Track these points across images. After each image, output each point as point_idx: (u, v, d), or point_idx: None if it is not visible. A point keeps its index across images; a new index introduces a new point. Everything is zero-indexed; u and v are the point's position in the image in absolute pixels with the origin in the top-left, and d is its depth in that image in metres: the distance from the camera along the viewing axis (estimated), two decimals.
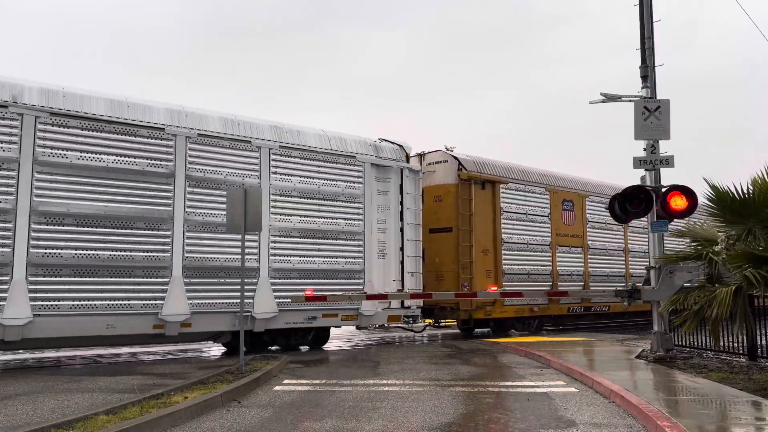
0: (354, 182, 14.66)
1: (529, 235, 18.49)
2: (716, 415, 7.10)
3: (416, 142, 17.01)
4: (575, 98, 70.66)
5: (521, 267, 18.14)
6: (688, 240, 11.26)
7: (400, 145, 15.79)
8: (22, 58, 60.80)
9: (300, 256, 13.82)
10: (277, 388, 9.33)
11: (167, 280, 12.17)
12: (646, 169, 12.52)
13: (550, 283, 18.69)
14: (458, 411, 7.63)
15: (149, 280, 12.00)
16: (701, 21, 70.32)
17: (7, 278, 10.72)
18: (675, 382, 9.32)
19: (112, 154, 11.89)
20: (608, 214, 13.42)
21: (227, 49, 72.12)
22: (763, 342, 10.58)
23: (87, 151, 11.63)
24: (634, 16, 13.27)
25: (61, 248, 11.24)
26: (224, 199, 11.60)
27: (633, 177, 13.21)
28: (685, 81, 60.55)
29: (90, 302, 11.42)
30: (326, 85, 72.59)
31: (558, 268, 19.08)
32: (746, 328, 9.17)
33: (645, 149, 12.49)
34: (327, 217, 14.23)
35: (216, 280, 12.71)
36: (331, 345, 16.62)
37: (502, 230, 17.60)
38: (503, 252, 17.54)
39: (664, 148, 12.46)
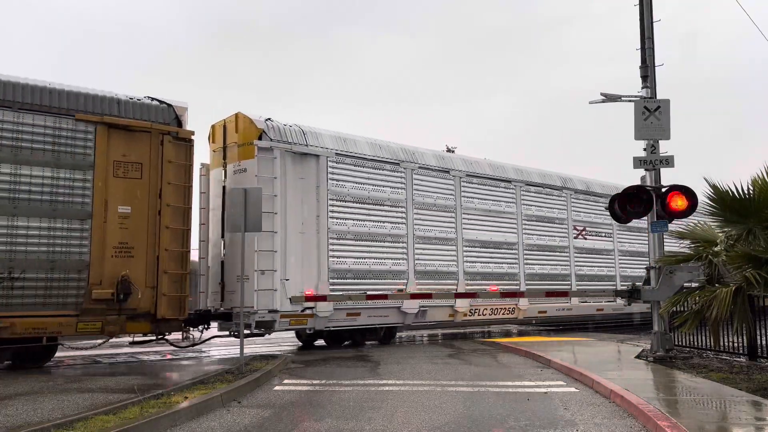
0: None
1: None
2: (716, 415, 7.10)
3: (417, 143, 17.21)
4: (578, 99, 70.68)
5: None
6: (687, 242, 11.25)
7: None
8: (25, 56, 60.80)
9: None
10: (277, 388, 9.33)
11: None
12: (646, 169, 12.50)
13: None
14: (458, 411, 7.62)
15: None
16: (703, 26, 70.31)
17: None
18: (675, 382, 9.32)
19: None
20: None
21: (232, 50, 72.14)
22: (763, 342, 10.56)
23: None
24: (635, 17, 13.22)
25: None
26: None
27: (634, 177, 13.23)
28: (686, 83, 60.58)
29: None
30: (330, 86, 72.62)
31: None
32: (746, 328, 9.17)
33: (645, 149, 12.48)
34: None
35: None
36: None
37: None
38: None
39: (664, 148, 12.46)
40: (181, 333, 12.78)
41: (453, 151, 18.37)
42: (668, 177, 12.56)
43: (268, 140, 13.73)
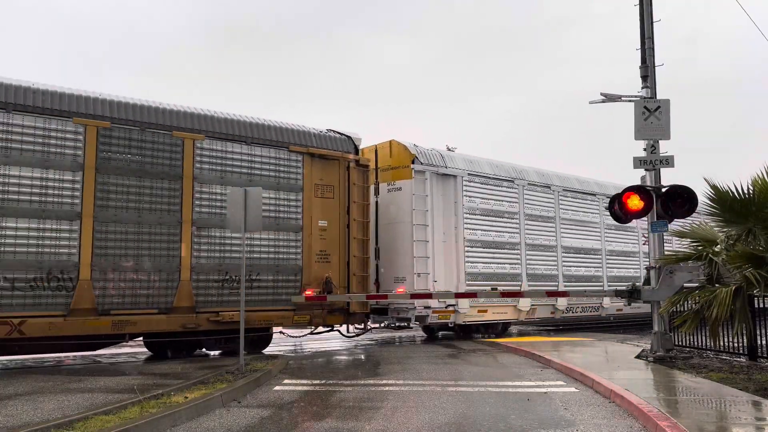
0: None
1: None
2: (716, 415, 7.10)
3: (418, 143, 17.22)
4: (579, 99, 70.61)
5: None
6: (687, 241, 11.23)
7: None
8: (26, 57, 60.85)
9: None
10: (277, 388, 9.33)
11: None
12: (646, 169, 12.50)
13: None
14: (458, 411, 7.63)
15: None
16: (703, 26, 70.37)
17: None
18: (675, 382, 9.32)
19: None
20: None
21: (233, 51, 72.16)
22: (763, 342, 10.57)
23: None
24: (636, 18, 13.20)
25: None
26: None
27: (634, 177, 13.23)
28: (686, 83, 60.62)
29: None
30: (331, 86, 72.63)
31: None
32: (746, 328, 9.17)
33: (645, 149, 12.48)
34: None
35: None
36: (331, 345, 16.65)
37: None
38: None
39: (664, 148, 12.45)
40: (363, 324, 15.69)
41: (453, 151, 18.37)
42: (668, 177, 12.59)
43: (420, 164, 16.21)
